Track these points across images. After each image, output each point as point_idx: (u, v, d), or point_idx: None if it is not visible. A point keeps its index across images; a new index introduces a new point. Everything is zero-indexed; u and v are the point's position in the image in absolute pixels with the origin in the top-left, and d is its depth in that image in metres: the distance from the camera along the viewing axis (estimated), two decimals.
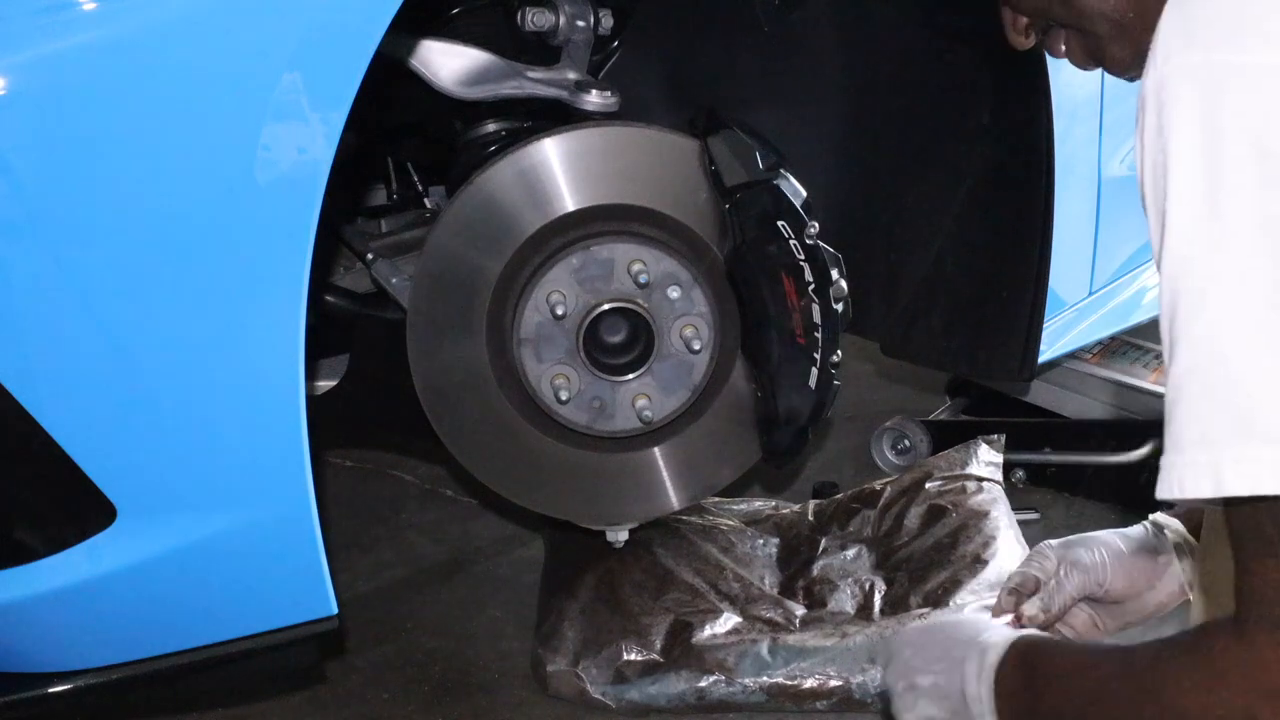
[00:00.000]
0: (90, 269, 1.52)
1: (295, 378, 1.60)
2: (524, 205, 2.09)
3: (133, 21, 1.48)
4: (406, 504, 2.93)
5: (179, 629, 1.74)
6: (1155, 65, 1.06)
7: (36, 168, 1.48)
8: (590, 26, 2.15)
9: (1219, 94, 1.02)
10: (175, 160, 1.51)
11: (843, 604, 2.36)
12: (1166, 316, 1.06)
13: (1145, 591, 1.61)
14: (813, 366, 2.08)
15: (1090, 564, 1.60)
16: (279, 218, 1.55)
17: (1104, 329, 2.58)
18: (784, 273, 2.06)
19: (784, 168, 2.07)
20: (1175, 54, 1.05)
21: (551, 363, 2.13)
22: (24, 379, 1.54)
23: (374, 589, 2.60)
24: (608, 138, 2.11)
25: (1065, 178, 2.17)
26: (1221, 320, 1.02)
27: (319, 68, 1.52)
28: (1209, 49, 1.03)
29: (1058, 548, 1.63)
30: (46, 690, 1.72)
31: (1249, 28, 1.02)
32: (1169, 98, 1.04)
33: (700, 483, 2.29)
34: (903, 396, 3.26)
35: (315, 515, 1.65)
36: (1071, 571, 1.60)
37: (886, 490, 2.58)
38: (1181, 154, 1.03)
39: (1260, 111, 1.01)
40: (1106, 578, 1.60)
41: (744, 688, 2.19)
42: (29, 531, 1.67)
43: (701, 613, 2.28)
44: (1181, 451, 1.04)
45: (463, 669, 2.33)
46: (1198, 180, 1.03)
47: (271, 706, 2.23)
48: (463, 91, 2.06)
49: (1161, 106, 1.05)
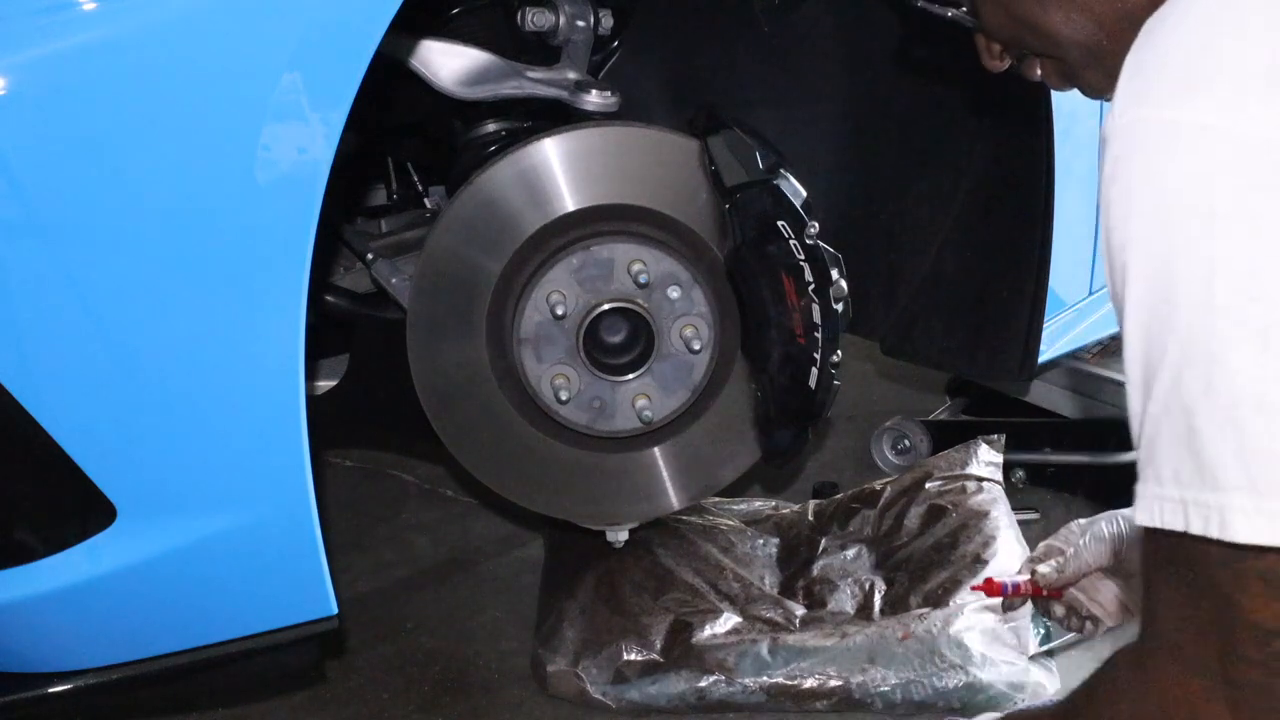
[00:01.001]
0: (90, 269, 1.52)
1: (295, 378, 1.60)
2: (524, 205, 2.09)
3: (133, 21, 1.48)
4: (406, 504, 2.93)
5: (179, 629, 1.74)
6: (1113, 114, 1.09)
7: (36, 168, 1.48)
8: (590, 26, 2.15)
9: (1166, 152, 1.04)
10: (175, 160, 1.51)
11: (843, 604, 2.36)
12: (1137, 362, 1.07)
13: None
14: (813, 366, 2.08)
15: (1109, 535, 1.64)
16: (279, 218, 1.55)
17: (1104, 329, 2.58)
18: (784, 273, 2.06)
19: (784, 168, 2.07)
20: (1130, 106, 1.07)
21: (551, 363, 2.13)
22: (24, 379, 1.54)
23: (374, 589, 2.60)
24: (608, 138, 2.11)
25: (1065, 178, 2.17)
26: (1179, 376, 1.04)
27: (319, 68, 1.52)
28: (1159, 106, 1.05)
29: (1085, 524, 1.67)
30: (46, 690, 1.73)
31: (1199, 87, 1.04)
32: (1122, 151, 1.07)
33: (700, 483, 2.30)
34: (903, 396, 3.26)
35: (315, 515, 1.65)
36: (1090, 542, 1.65)
37: (886, 490, 2.58)
38: (1137, 209, 1.06)
39: (1205, 172, 1.02)
40: (1123, 549, 1.63)
41: (744, 688, 2.19)
42: (29, 531, 1.67)
43: (701, 613, 2.28)
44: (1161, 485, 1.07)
45: (463, 669, 2.33)
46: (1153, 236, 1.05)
47: (272, 706, 2.23)
48: (463, 91, 2.06)
49: (1116, 158, 1.07)
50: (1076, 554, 1.68)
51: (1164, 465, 1.05)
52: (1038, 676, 2.17)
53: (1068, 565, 1.68)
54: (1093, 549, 1.67)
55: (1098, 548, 1.67)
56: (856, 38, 2.32)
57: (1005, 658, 2.17)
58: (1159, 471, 1.05)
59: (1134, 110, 1.07)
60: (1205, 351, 1.02)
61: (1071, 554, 1.68)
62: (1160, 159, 1.04)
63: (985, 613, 2.19)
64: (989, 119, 2.27)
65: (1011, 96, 2.19)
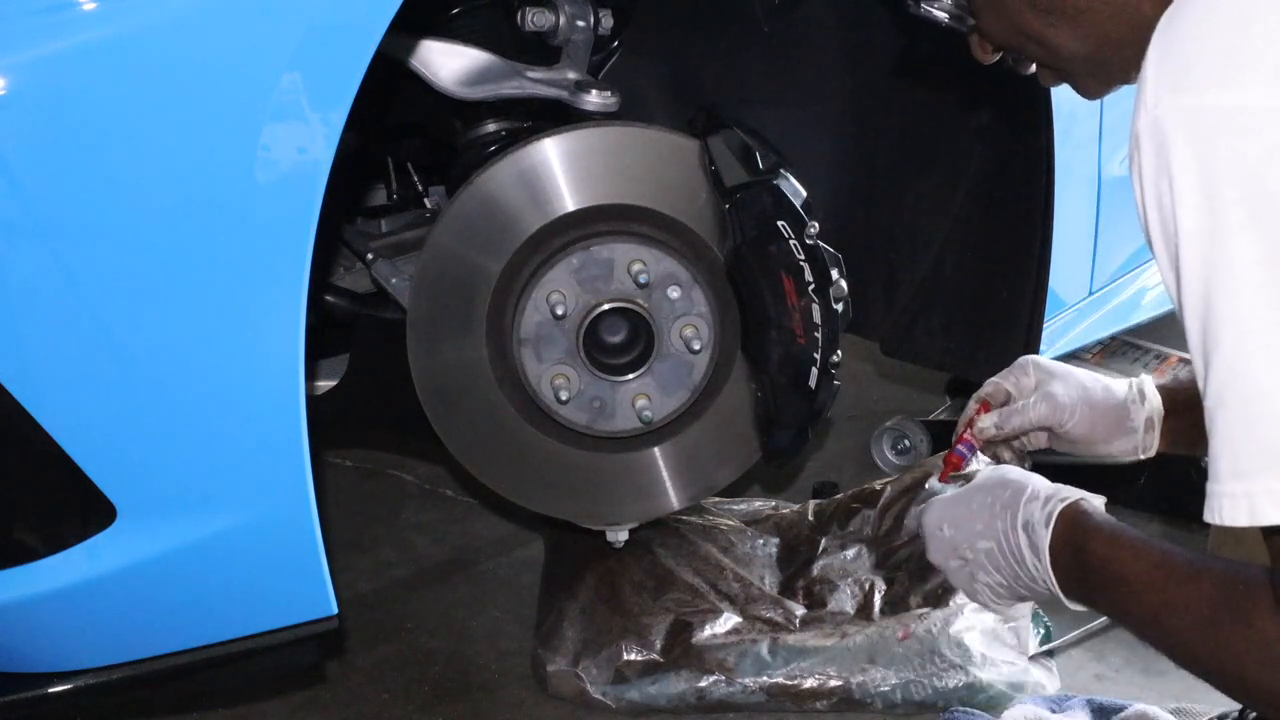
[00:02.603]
0: (90, 269, 1.52)
1: (295, 378, 1.60)
2: (524, 205, 2.09)
3: (133, 21, 1.48)
4: (406, 504, 2.93)
5: (179, 629, 1.74)
6: (1146, 106, 1.07)
7: (36, 168, 1.48)
8: (590, 26, 2.15)
9: (1212, 138, 1.03)
10: (175, 160, 1.51)
11: (843, 604, 2.36)
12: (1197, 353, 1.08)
13: (1099, 443, 1.65)
14: (813, 366, 2.08)
15: (1060, 403, 1.63)
16: (279, 218, 1.55)
17: (1104, 329, 2.58)
18: (784, 273, 2.06)
19: (784, 168, 2.07)
20: (1165, 96, 1.06)
21: (551, 363, 2.13)
22: (24, 379, 1.54)
23: (374, 589, 2.60)
24: (608, 138, 2.11)
25: (1065, 178, 2.18)
26: (1239, 356, 1.04)
27: (319, 68, 1.52)
28: (1200, 92, 1.04)
29: (1042, 368, 1.66)
30: (46, 690, 1.72)
31: (1238, 69, 1.03)
32: (1165, 142, 1.05)
33: (700, 483, 2.29)
34: (903, 396, 3.26)
35: (315, 515, 1.65)
36: (1039, 402, 1.63)
37: (886, 490, 2.58)
38: (1185, 200, 1.05)
39: (1253, 155, 1.02)
40: (1071, 420, 1.63)
41: (744, 688, 2.19)
42: (29, 531, 1.67)
43: (701, 613, 2.28)
44: (1219, 482, 1.08)
45: (463, 669, 2.33)
46: (1203, 223, 1.04)
47: (271, 706, 2.23)
48: (463, 91, 2.06)
49: (1158, 149, 1.06)
50: (1024, 410, 1.65)
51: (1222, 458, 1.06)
52: (1038, 676, 2.17)
53: (1010, 419, 1.66)
54: (1040, 410, 1.64)
55: (1045, 410, 1.63)
56: (857, 38, 2.31)
57: (1005, 658, 2.18)
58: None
59: (1170, 99, 1.05)
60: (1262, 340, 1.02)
61: (1019, 408, 1.65)
62: (1206, 146, 1.03)
63: (985, 613, 2.19)
64: (989, 119, 2.27)
65: (1011, 97, 2.19)
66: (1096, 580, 1.31)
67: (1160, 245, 1.09)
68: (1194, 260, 1.05)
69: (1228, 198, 1.02)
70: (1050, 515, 1.36)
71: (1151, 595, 1.23)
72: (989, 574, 1.43)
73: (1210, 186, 1.03)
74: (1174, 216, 1.06)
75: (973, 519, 1.44)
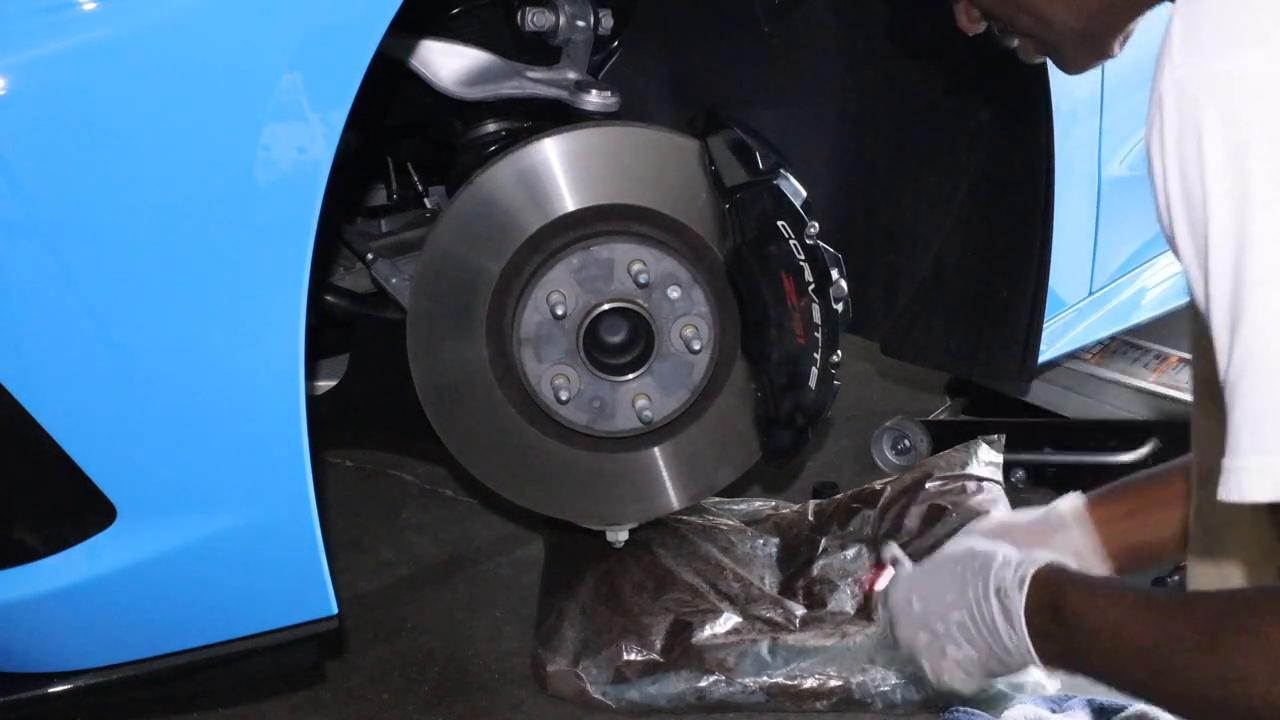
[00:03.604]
0: (90, 269, 1.52)
1: (295, 378, 1.60)
2: (524, 205, 2.09)
3: (133, 21, 1.48)
4: (406, 504, 2.93)
5: (179, 629, 1.74)
6: (1172, 65, 1.05)
7: (36, 168, 1.48)
8: (590, 26, 2.15)
9: (1238, 101, 1.01)
10: (175, 160, 1.51)
11: (843, 604, 2.36)
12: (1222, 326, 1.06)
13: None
14: (813, 366, 2.08)
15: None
16: (279, 218, 1.55)
17: (1104, 329, 2.58)
18: (784, 273, 2.06)
19: (784, 168, 2.07)
20: (1195, 54, 1.04)
21: (551, 363, 2.13)
22: (24, 379, 1.54)
23: (374, 589, 2.60)
24: (608, 138, 2.11)
25: (1065, 178, 2.17)
26: (1263, 326, 1.02)
27: (319, 68, 1.52)
28: (1229, 50, 1.02)
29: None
30: (46, 690, 1.73)
31: (1269, 26, 1.02)
32: (1190, 104, 1.03)
33: (700, 483, 2.29)
34: (903, 396, 3.25)
35: (315, 515, 1.65)
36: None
37: (886, 490, 2.58)
38: (1213, 158, 1.03)
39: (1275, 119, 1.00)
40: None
41: (744, 688, 2.19)
42: (29, 531, 1.67)
43: (701, 613, 2.28)
44: (1238, 456, 1.04)
45: (463, 669, 2.33)
46: (1236, 183, 1.02)
47: (271, 706, 2.23)
48: (463, 91, 2.06)
49: (1185, 110, 1.04)
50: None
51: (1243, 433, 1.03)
52: (1038, 676, 2.17)
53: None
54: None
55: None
56: (856, 38, 2.31)
57: None
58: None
59: (1199, 58, 1.04)
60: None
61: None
62: (1232, 108, 1.01)
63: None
64: (989, 119, 2.27)
65: (1012, 97, 2.19)
66: (1080, 636, 1.25)
67: (1181, 211, 1.06)
68: (1225, 221, 1.02)
69: (1263, 155, 1.00)
70: (1023, 579, 1.32)
71: (1139, 635, 1.18)
72: (960, 648, 1.39)
73: (1242, 146, 1.01)
74: (1201, 178, 1.03)
75: (943, 590, 1.40)
